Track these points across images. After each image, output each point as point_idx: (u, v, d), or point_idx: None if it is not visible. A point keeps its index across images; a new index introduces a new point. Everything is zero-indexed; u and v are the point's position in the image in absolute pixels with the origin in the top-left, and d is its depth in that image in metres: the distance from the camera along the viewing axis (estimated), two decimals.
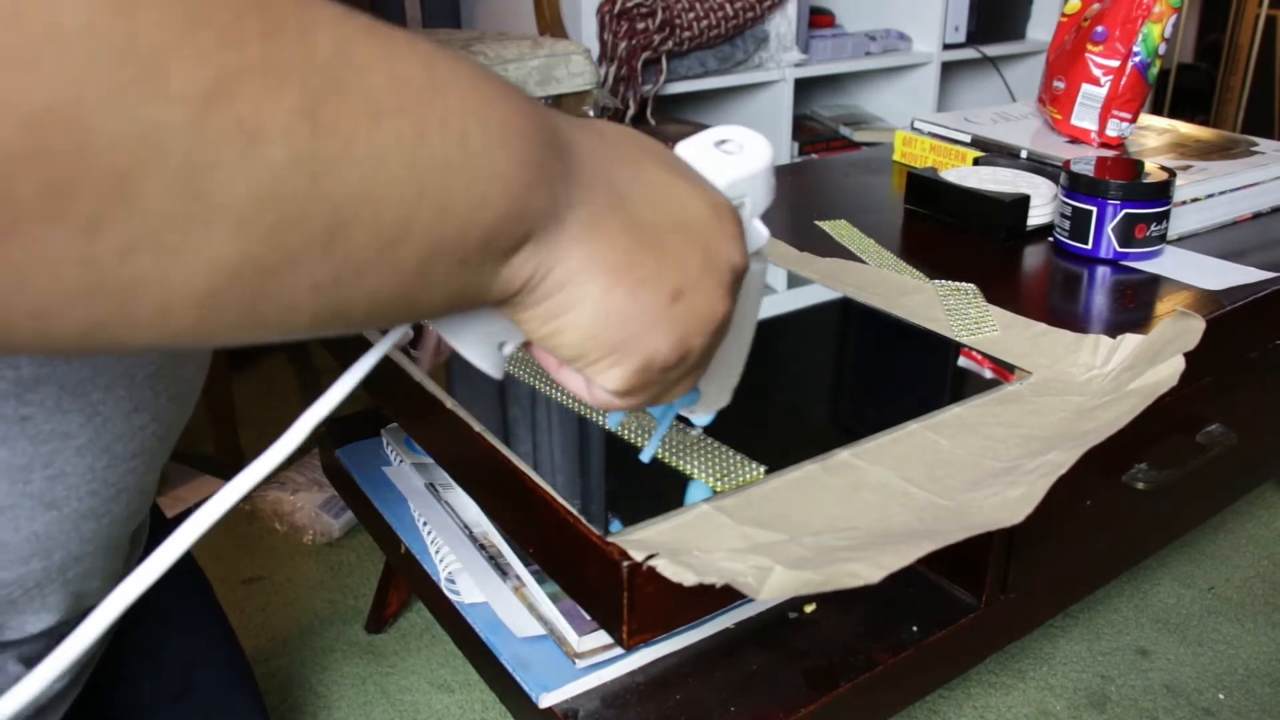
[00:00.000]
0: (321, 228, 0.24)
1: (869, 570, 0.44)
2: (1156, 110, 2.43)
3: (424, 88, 0.25)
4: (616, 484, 0.54)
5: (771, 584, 0.43)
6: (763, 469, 0.54)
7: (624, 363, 0.33)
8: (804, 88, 2.10)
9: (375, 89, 0.24)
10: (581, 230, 0.30)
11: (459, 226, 0.27)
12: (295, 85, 0.22)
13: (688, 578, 0.44)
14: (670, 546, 0.47)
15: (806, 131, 2.09)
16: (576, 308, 0.31)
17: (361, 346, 0.34)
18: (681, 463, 0.54)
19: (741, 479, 0.53)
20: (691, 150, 0.37)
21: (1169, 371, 0.62)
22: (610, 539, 0.48)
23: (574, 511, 0.50)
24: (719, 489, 0.52)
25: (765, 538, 0.48)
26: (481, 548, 0.73)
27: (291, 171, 0.23)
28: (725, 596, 0.45)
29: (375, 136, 0.24)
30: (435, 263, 0.27)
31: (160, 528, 0.74)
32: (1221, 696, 0.93)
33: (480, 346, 0.35)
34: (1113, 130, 1.03)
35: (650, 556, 0.46)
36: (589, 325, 0.31)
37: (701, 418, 0.48)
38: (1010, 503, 0.51)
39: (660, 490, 0.52)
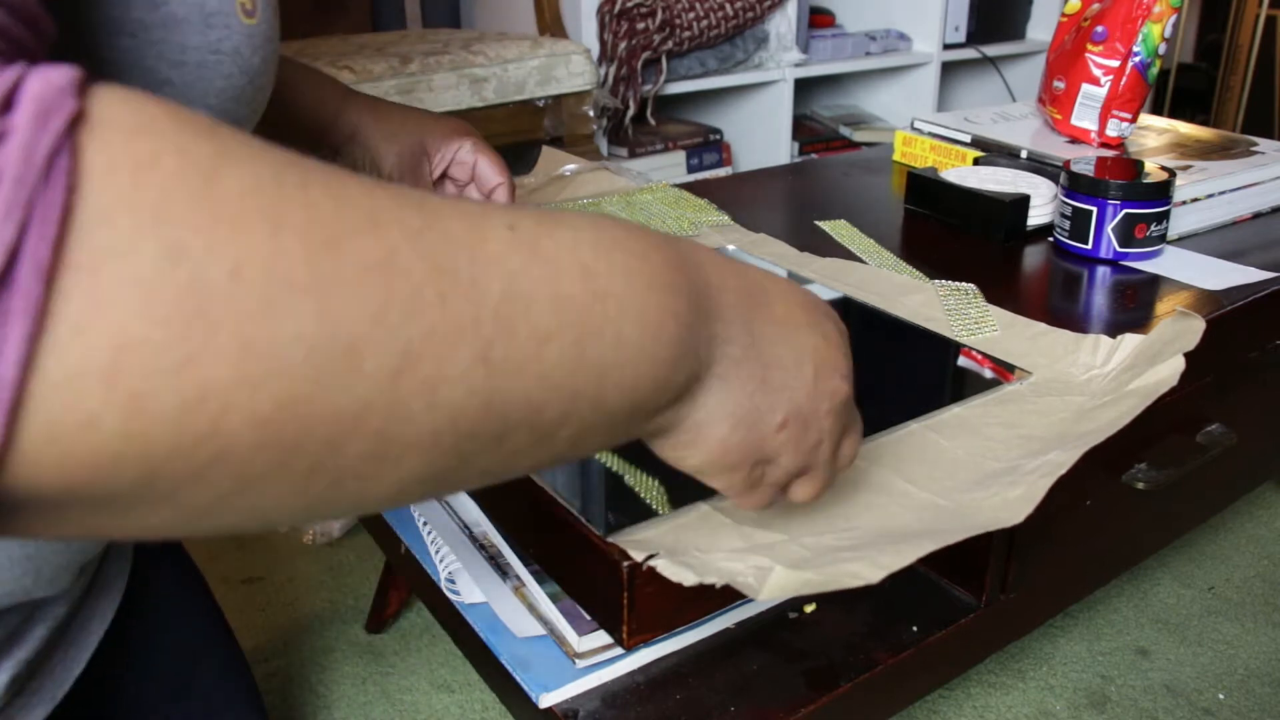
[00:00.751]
0: (491, 436, 0.27)
1: (869, 570, 0.44)
2: (1156, 110, 2.43)
3: (584, 302, 0.29)
4: (617, 484, 0.54)
5: (771, 584, 0.43)
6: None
7: (732, 478, 0.39)
8: (804, 88, 2.10)
9: (540, 319, 0.27)
10: (717, 382, 0.35)
11: (611, 410, 0.31)
12: (470, 338, 0.26)
13: (688, 578, 0.44)
14: (670, 547, 0.47)
15: (806, 131, 2.09)
16: (700, 444, 0.36)
17: None
18: (629, 479, 0.53)
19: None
20: None
21: (1169, 371, 0.62)
22: (610, 539, 0.48)
23: (574, 511, 0.50)
24: (662, 511, 0.50)
25: (765, 538, 0.48)
26: (481, 548, 0.73)
27: (467, 403, 0.26)
28: (725, 597, 0.45)
29: (540, 362, 0.27)
30: (586, 438, 0.31)
31: None
32: (1222, 696, 0.93)
33: None
34: (1113, 130, 1.03)
35: (650, 556, 0.46)
36: (709, 456, 0.37)
37: None
38: (1010, 503, 0.51)
39: (664, 491, 0.52)
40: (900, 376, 0.70)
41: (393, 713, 0.92)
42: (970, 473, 0.55)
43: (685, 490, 0.52)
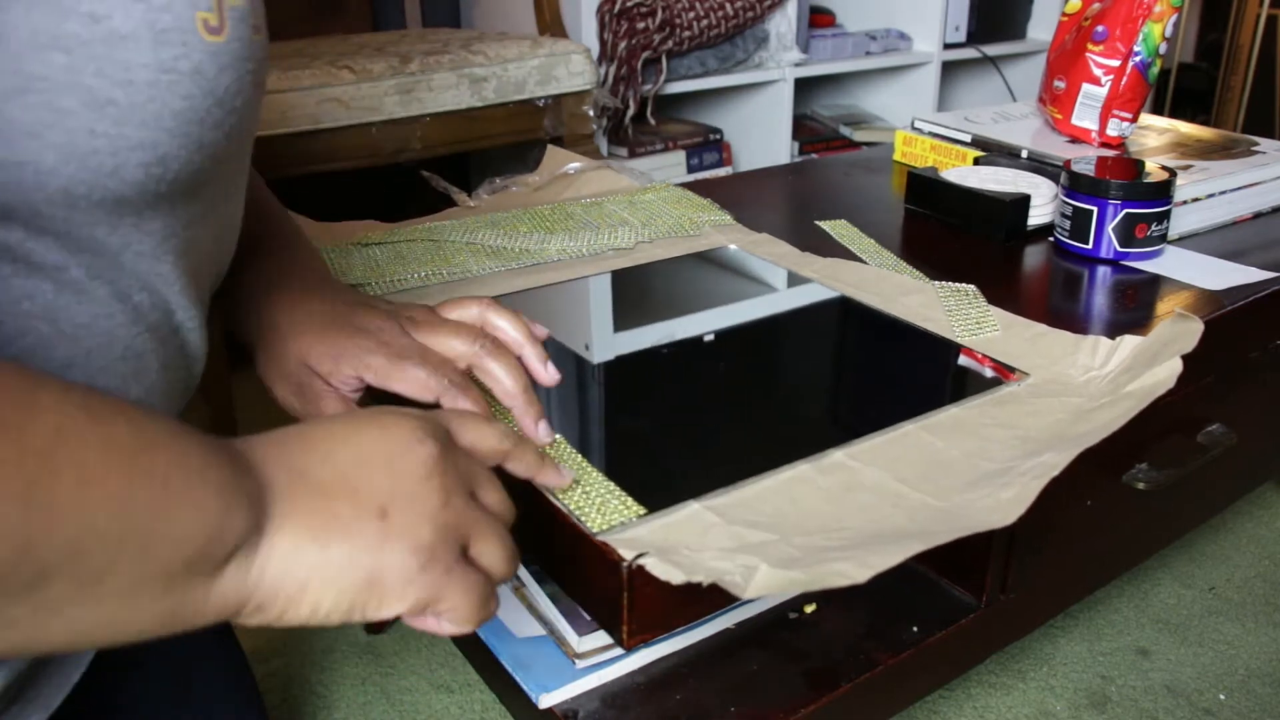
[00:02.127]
0: (23, 582, 0.27)
1: (856, 570, 0.44)
2: (1157, 110, 2.43)
3: (132, 448, 0.30)
4: (616, 484, 0.54)
5: (757, 582, 0.44)
6: (641, 510, 0.51)
7: (388, 592, 0.37)
8: (804, 87, 2.10)
9: (87, 461, 0.29)
10: (278, 523, 0.35)
11: (162, 558, 0.31)
12: (12, 475, 0.27)
13: (676, 576, 0.44)
14: (660, 545, 0.47)
15: (806, 131, 2.09)
16: (311, 582, 0.35)
17: None
18: (563, 495, 0.52)
19: (615, 519, 0.50)
20: None
21: (1166, 374, 0.62)
22: (599, 537, 0.48)
23: (572, 511, 0.50)
24: (597, 527, 0.49)
25: (756, 537, 0.48)
26: None
27: (1, 545, 0.27)
28: (725, 597, 0.45)
29: (86, 503, 0.28)
30: (140, 591, 0.31)
31: None
32: (1222, 697, 0.93)
33: None
34: (1113, 130, 1.03)
35: (640, 555, 0.46)
36: (330, 583, 0.36)
37: None
38: (1003, 504, 0.51)
39: (655, 490, 0.52)
40: (898, 377, 0.70)
41: (392, 713, 0.92)
42: (965, 474, 0.54)
43: (677, 490, 0.52)
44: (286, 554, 0.35)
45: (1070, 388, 0.64)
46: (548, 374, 0.56)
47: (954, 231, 0.93)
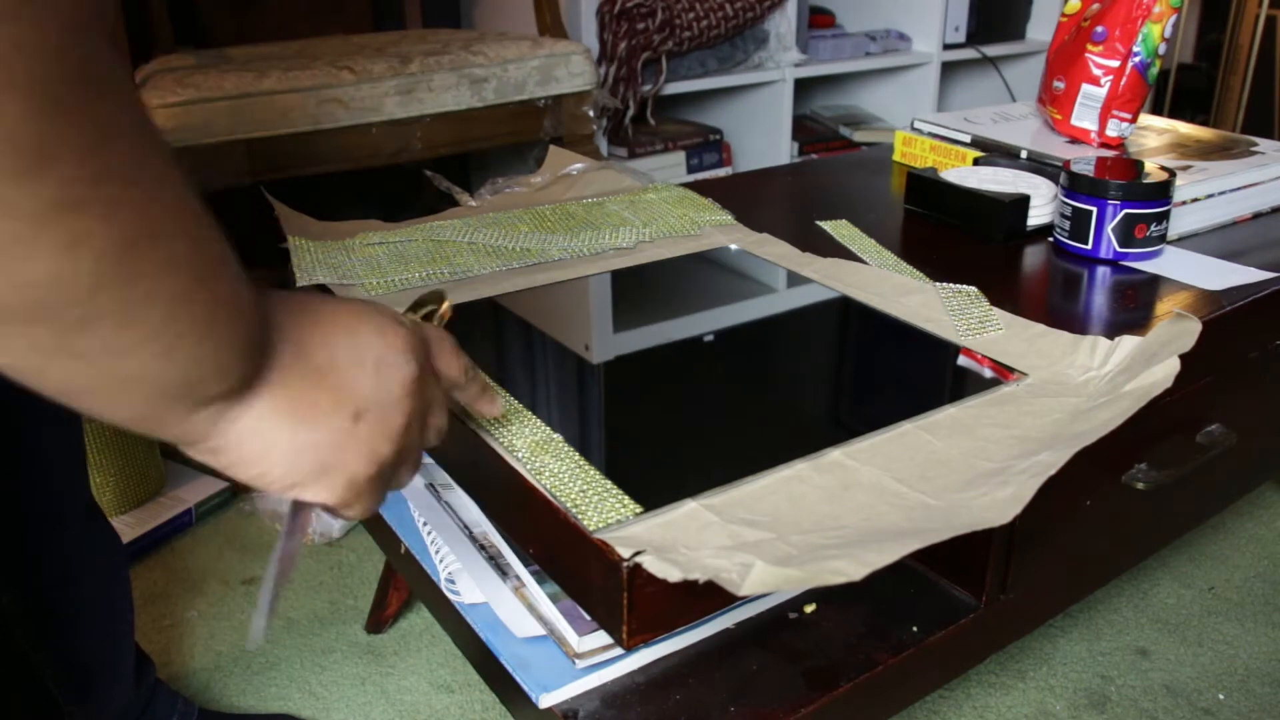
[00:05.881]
0: (71, 320, 0.30)
1: (853, 568, 0.44)
2: (1156, 110, 2.43)
3: (209, 260, 0.33)
4: (615, 483, 0.54)
5: (753, 580, 0.44)
6: (638, 508, 0.51)
7: (330, 482, 0.40)
8: (804, 88, 2.10)
9: (169, 255, 0.32)
10: (265, 389, 0.37)
11: (174, 368, 0.33)
12: (100, 243, 0.29)
13: (673, 574, 0.44)
14: (657, 544, 0.47)
15: (806, 131, 2.09)
16: (269, 453, 0.38)
17: None
18: (560, 494, 0.52)
19: (612, 518, 0.50)
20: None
21: (1164, 373, 0.62)
22: (596, 535, 0.48)
23: (570, 511, 0.50)
24: (594, 525, 0.49)
25: (753, 536, 0.48)
26: (481, 548, 0.73)
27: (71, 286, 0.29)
28: (725, 597, 0.45)
29: (151, 296, 0.31)
30: (138, 384, 0.33)
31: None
32: (1221, 697, 0.93)
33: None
34: (1113, 130, 1.03)
35: (637, 553, 0.46)
36: (287, 460, 0.38)
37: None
38: (999, 503, 0.51)
39: (653, 489, 0.52)
40: (897, 376, 0.70)
41: (392, 713, 0.92)
42: (962, 473, 0.55)
43: (675, 488, 0.52)
44: (260, 418, 0.37)
45: (1069, 388, 0.64)
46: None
47: (953, 232, 0.93)
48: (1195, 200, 0.90)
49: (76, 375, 0.31)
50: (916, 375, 0.70)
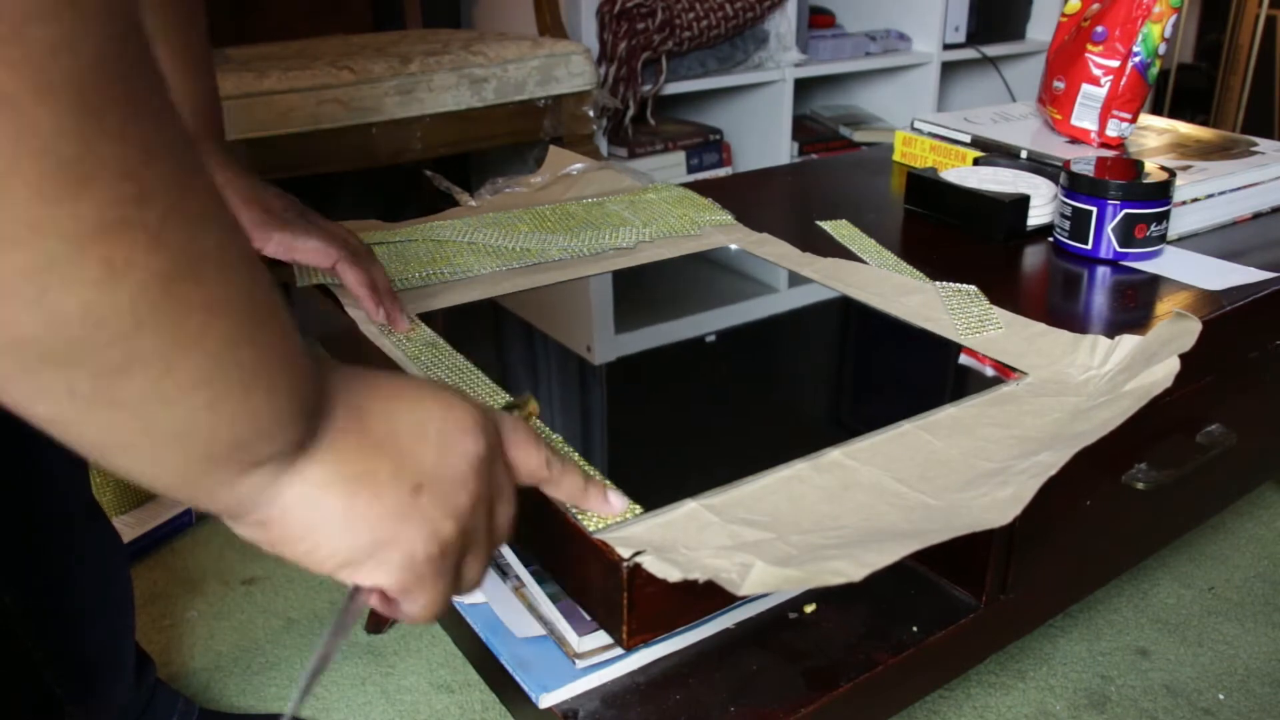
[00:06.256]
0: (109, 363, 0.27)
1: (851, 568, 0.44)
2: (1156, 110, 2.43)
3: (259, 303, 0.31)
4: (614, 484, 0.54)
5: (753, 580, 0.44)
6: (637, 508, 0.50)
7: (386, 560, 0.36)
8: (804, 88, 2.10)
9: (214, 300, 0.29)
10: (320, 454, 0.34)
11: (221, 424, 0.30)
12: (152, 271, 0.27)
13: (672, 574, 0.44)
14: (657, 544, 0.47)
15: (806, 131, 2.09)
16: (324, 522, 0.34)
17: None
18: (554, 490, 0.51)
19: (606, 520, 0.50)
20: None
21: (1164, 373, 0.62)
22: (596, 535, 0.48)
23: (570, 511, 0.50)
24: (594, 525, 0.49)
25: (752, 536, 0.48)
26: None
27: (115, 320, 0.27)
28: (725, 597, 0.45)
29: (202, 335, 0.29)
30: (180, 440, 0.30)
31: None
32: (1221, 697, 0.93)
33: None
34: (1113, 130, 1.03)
35: (637, 553, 0.46)
36: (338, 533, 0.35)
37: None
38: (999, 503, 0.51)
39: (653, 489, 0.52)
40: (897, 376, 0.70)
41: (392, 713, 0.92)
42: (962, 473, 0.55)
43: (675, 489, 0.52)
44: (313, 486, 0.34)
45: (1069, 387, 0.64)
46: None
47: (953, 232, 0.93)
48: (1195, 200, 0.90)
49: (116, 428, 0.28)
50: (916, 375, 0.70)
